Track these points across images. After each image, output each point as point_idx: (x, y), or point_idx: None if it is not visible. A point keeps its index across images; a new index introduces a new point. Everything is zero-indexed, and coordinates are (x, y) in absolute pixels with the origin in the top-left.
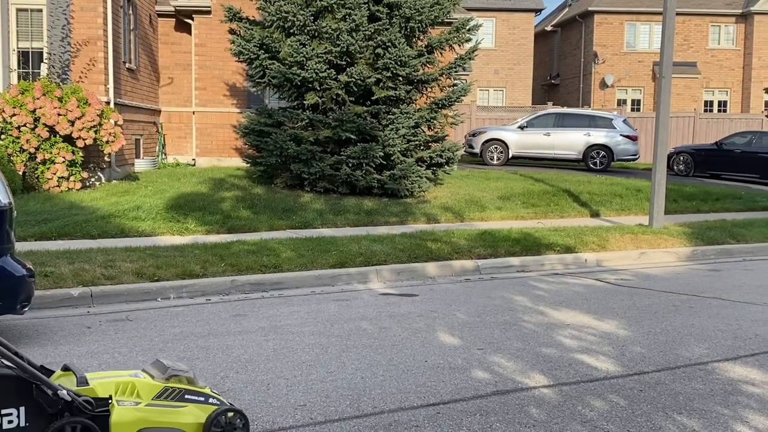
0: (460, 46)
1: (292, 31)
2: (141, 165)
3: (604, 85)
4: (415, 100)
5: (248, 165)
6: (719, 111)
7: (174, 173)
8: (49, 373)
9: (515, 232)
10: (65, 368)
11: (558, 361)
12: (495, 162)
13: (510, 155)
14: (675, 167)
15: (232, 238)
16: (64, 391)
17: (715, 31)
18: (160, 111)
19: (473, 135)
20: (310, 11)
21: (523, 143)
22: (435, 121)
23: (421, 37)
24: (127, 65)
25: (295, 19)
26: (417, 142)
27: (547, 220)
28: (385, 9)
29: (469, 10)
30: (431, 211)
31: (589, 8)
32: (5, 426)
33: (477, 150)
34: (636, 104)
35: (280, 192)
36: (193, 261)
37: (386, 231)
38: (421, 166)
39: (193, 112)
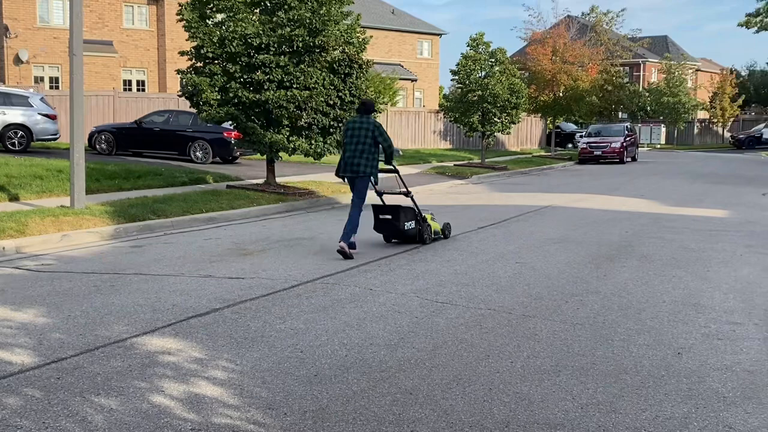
0: None
1: None
2: None
3: (18, 60)
4: None
5: None
6: (138, 90)
7: None
8: None
9: None
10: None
11: None
12: None
13: None
14: (97, 146)
15: None
16: (425, 215)
17: (129, 12)
18: None
19: None
20: None
21: None
22: None
23: None
24: None
25: None
26: None
27: None
28: None
29: None
30: None
31: None
32: (412, 227)
33: None
34: (55, 81)
35: None
36: None
37: None
38: None
39: None
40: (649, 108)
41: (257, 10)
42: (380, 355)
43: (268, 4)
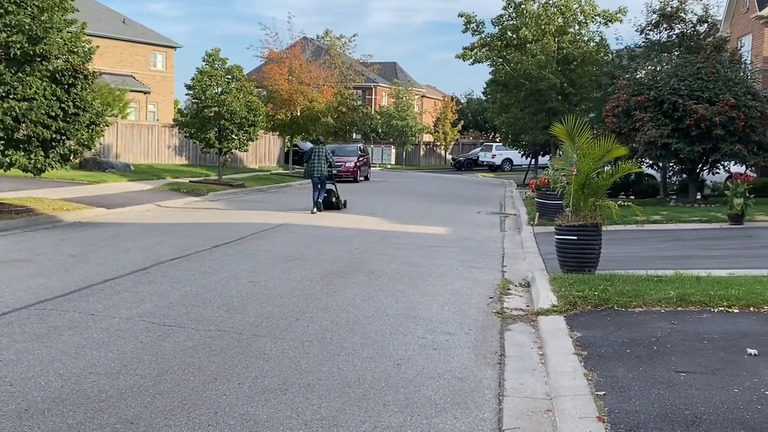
0: None
1: None
2: None
3: None
4: None
5: None
6: None
7: None
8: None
9: None
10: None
11: None
12: None
13: None
14: None
15: None
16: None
17: None
18: None
19: None
20: None
21: None
22: None
23: None
24: None
25: None
26: None
27: None
28: None
29: None
30: None
31: None
32: (335, 201)
33: None
34: None
35: None
36: None
37: None
38: None
39: None
40: (380, 130)
41: None
42: (100, 385)
43: None
